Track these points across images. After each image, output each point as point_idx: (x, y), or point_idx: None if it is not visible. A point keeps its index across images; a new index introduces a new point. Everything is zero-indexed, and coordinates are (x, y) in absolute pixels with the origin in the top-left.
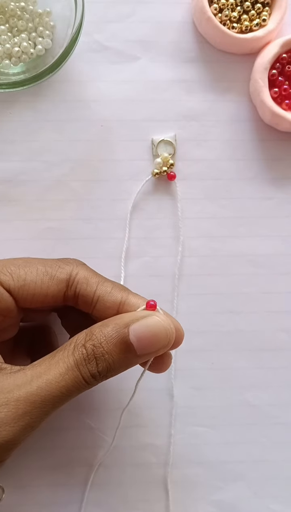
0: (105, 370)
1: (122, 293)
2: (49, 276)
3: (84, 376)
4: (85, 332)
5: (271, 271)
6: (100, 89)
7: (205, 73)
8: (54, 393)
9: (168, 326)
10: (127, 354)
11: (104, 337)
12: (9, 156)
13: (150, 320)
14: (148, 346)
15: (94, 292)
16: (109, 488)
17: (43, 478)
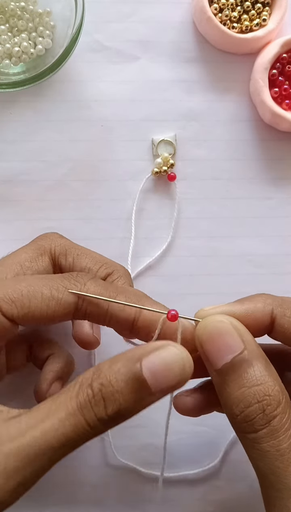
0: (115, 413)
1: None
2: (56, 301)
3: (89, 421)
4: (93, 371)
5: (271, 271)
6: (100, 89)
7: (205, 73)
8: (51, 443)
9: (185, 356)
10: (140, 393)
11: (114, 374)
12: (9, 156)
13: (165, 352)
14: (163, 381)
15: (106, 311)
16: (109, 488)
17: (43, 478)
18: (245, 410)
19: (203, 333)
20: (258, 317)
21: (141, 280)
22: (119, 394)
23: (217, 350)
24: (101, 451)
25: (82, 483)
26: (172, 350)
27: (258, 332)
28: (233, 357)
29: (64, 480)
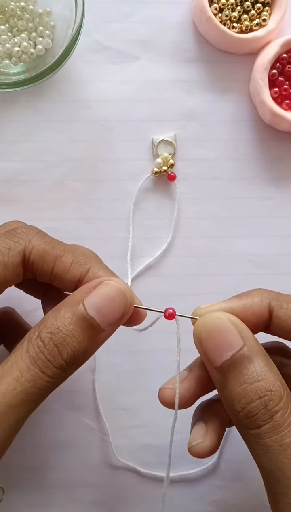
0: (71, 356)
1: (82, 268)
2: (3, 266)
3: (47, 372)
4: (37, 324)
5: (271, 271)
6: (101, 89)
7: (205, 73)
8: (11, 403)
9: (124, 286)
10: (91, 331)
11: (60, 320)
12: (9, 156)
13: (105, 288)
14: (110, 315)
15: (52, 270)
16: (109, 488)
17: (43, 478)
18: (247, 406)
19: (201, 331)
20: (256, 311)
21: (142, 280)
22: (71, 337)
23: (216, 347)
24: (101, 451)
25: (82, 483)
26: (111, 284)
27: (256, 327)
28: (233, 353)
29: (64, 480)
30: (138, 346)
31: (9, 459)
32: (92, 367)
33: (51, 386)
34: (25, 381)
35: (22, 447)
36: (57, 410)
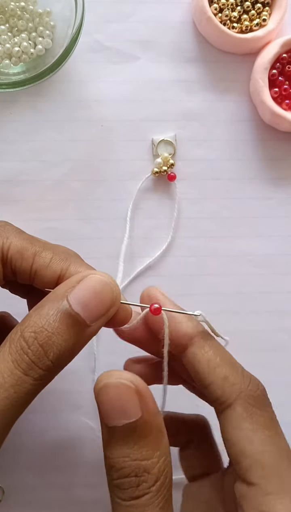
0: (58, 356)
1: (63, 264)
2: None
3: (32, 374)
4: (19, 324)
5: (271, 271)
6: (100, 89)
7: (205, 73)
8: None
9: (109, 280)
10: (77, 328)
11: (44, 318)
12: (9, 156)
13: (88, 281)
14: (95, 309)
15: (31, 267)
16: None
17: (43, 478)
18: (122, 478)
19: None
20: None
21: (142, 280)
22: (57, 336)
23: (111, 409)
24: (101, 451)
25: (82, 483)
26: (96, 278)
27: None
28: (126, 423)
29: (64, 480)
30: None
31: (9, 459)
32: (92, 367)
33: (37, 388)
34: (9, 387)
35: (22, 447)
36: (57, 410)
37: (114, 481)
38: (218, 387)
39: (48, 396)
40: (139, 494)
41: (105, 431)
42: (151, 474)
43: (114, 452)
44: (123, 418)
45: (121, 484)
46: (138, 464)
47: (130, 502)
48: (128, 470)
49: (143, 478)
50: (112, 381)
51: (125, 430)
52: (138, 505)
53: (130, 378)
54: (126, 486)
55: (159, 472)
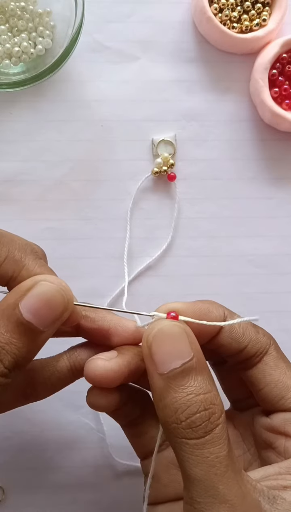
0: (14, 363)
1: (16, 265)
2: None
3: None
4: None
5: (271, 271)
6: (100, 89)
7: (205, 73)
8: None
9: (59, 285)
10: (30, 335)
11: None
12: (9, 156)
13: (40, 288)
14: (48, 315)
15: None
16: (109, 488)
17: (43, 478)
18: (192, 416)
19: (155, 334)
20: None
21: (141, 280)
22: (10, 345)
23: (166, 354)
24: (100, 452)
25: (82, 483)
26: (46, 284)
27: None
28: (183, 363)
29: (64, 480)
30: None
31: (9, 459)
32: None
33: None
34: None
35: (22, 447)
36: (57, 410)
37: (183, 423)
38: None
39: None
40: (212, 426)
41: (160, 379)
42: (217, 405)
43: (178, 394)
44: (179, 359)
45: (193, 422)
46: (204, 397)
47: (205, 437)
48: (196, 405)
49: (211, 410)
50: (166, 326)
51: (184, 370)
52: (213, 439)
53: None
54: (198, 422)
55: (221, 403)
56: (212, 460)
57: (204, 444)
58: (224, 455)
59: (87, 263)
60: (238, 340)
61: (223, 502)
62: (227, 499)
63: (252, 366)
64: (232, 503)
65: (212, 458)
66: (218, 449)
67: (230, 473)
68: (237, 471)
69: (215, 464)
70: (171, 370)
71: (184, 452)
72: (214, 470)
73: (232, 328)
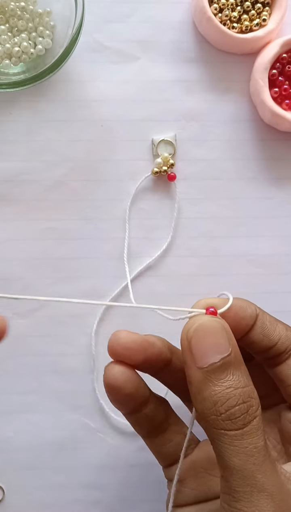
0: None
1: None
2: None
3: None
4: None
5: (271, 271)
6: (100, 89)
7: (205, 73)
8: None
9: None
10: None
11: None
12: (9, 156)
13: None
14: None
15: None
16: (110, 488)
17: (43, 478)
18: (231, 409)
19: (195, 329)
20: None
21: (141, 280)
22: None
23: (206, 347)
24: (101, 451)
25: (82, 483)
26: None
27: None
28: (222, 357)
29: (64, 480)
30: None
31: (9, 459)
32: (92, 367)
33: None
34: None
35: (22, 447)
36: (57, 410)
37: (222, 415)
38: None
39: (48, 396)
40: (250, 418)
41: (199, 373)
42: (254, 398)
43: (217, 387)
44: (218, 353)
45: (232, 414)
46: (242, 391)
47: (244, 429)
48: (235, 398)
49: (250, 403)
50: (206, 321)
51: (223, 364)
52: (252, 430)
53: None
54: (238, 414)
55: (257, 396)
56: (250, 450)
57: (243, 435)
58: (261, 446)
59: (87, 263)
60: (269, 336)
61: (262, 491)
62: (265, 488)
63: (281, 362)
64: (270, 492)
65: (250, 448)
66: (256, 439)
67: (268, 463)
68: (273, 462)
69: (254, 454)
70: (210, 364)
71: (223, 443)
72: (253, 460)
73: (263, 325)
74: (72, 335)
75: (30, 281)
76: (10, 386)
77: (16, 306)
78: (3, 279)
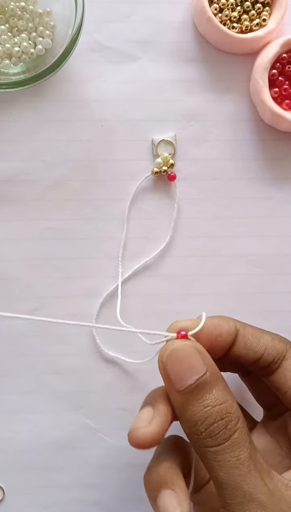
0: None
1: None
2: None
3: None
4: None
5: (271, 271)
6: (101, 89)
7: (205, 73)
8: None
9: None
10: None
11: None
12: (9, 156)
13: None
14: None
15: None
16: (110, 488)
17: (43, 478)
18: (210, 426)
19: (169, 354)
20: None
21: (141, 280)
22: None
23: (180, 371)
24: (101, 451)
25: (82, 483)
26: None
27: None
28: (197, 378)
29: (64, 480)
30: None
31: (9, 459)
32: (92, 367)
33: None
34: None
35: (22, 447)
36: (57, 410)
37: (203, 433)
38: None
39: (48, 396)
40: (229, 433)
41: (179, 396)
42: (233, 413)
43: (196, 408)
44: (193, 375)
45: (212, 432)
46: (219, 408)
47: (225, 444)
48: (213, 416)
49: (228, 418)
50: (178, 346)
51: (199, 385)
52: (233, 444)
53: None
54: (216, 431)
55: (237, 410)
56: (234, 463)
57: (224, 449)
58: (245, 457)
59: (87, 263)
60: (254, 349)
61: (251, 501)
62: (254, 497)
63: (272, 372)
64: (259, 501)
65: (233, 461)
66: (238, 452)
67: (253, 472)
68: (263, 470)
69: (238, 466)
70: (187, 386)
71: (208, 459)
72: (238, 472)
73: (245, 339)
74: (72, 335)
75: (30, 281)
76: (10, 386)
77: (16, 306)
78: (3, 279)
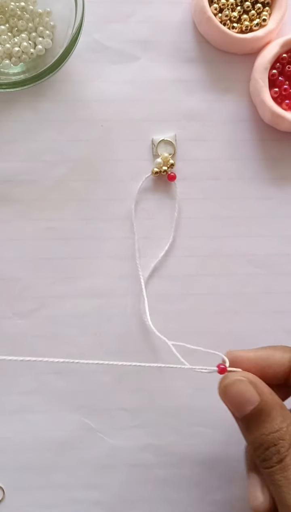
0: None
1: None
2: None
3: None
4: None
5: (271, 271)
6: (101, 89)
7: (205, 73)
8: None
9: None
10: None
11: None
12: (9, 156)
13: None
14: None
15: None
16: (110, 488)
17: (43, 478)
18: (265, 451)
19: (222, 391)
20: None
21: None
22: None
23: (237, 403)
24: (101, 451)
25: (82, 483)
26: None
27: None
28: (252, 408)
29: (64, 480)
30: (137, 347)
31: (9, 459)
32: (92, 367)
33: None
34: None
35: (22, 447)
36: (57, 410)
37: (260, 456)
38: None
39: (48, 396)
40: (281, 457)
41: (240, 423)
42: (285, 440)
43: (254, 434)
44: (248, 405)
45: (266, 456)
46: (273, 436)
47: (277, 466)
48: (267, 443)
49: (280, 445)
50: (230, 382)
51: (254, 414)
52: (283, 466)
53: (240, 373)
54: (269, 456)
55: (289, 437)
56: (283, 482)
57: (276, 471)
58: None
59: (87, 263)
60: None
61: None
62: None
63: None
64: None
65: (283, 481)
66: (288, 473)
67: None
68: None
69: (287, 485)
70: (244, 416)
71: (266, 478)
72: (287, 490)
73: None
74: (73, 335)
75: (30, 281)
76: (10, 386)
77: (16, 306)
78: (3, 279)
